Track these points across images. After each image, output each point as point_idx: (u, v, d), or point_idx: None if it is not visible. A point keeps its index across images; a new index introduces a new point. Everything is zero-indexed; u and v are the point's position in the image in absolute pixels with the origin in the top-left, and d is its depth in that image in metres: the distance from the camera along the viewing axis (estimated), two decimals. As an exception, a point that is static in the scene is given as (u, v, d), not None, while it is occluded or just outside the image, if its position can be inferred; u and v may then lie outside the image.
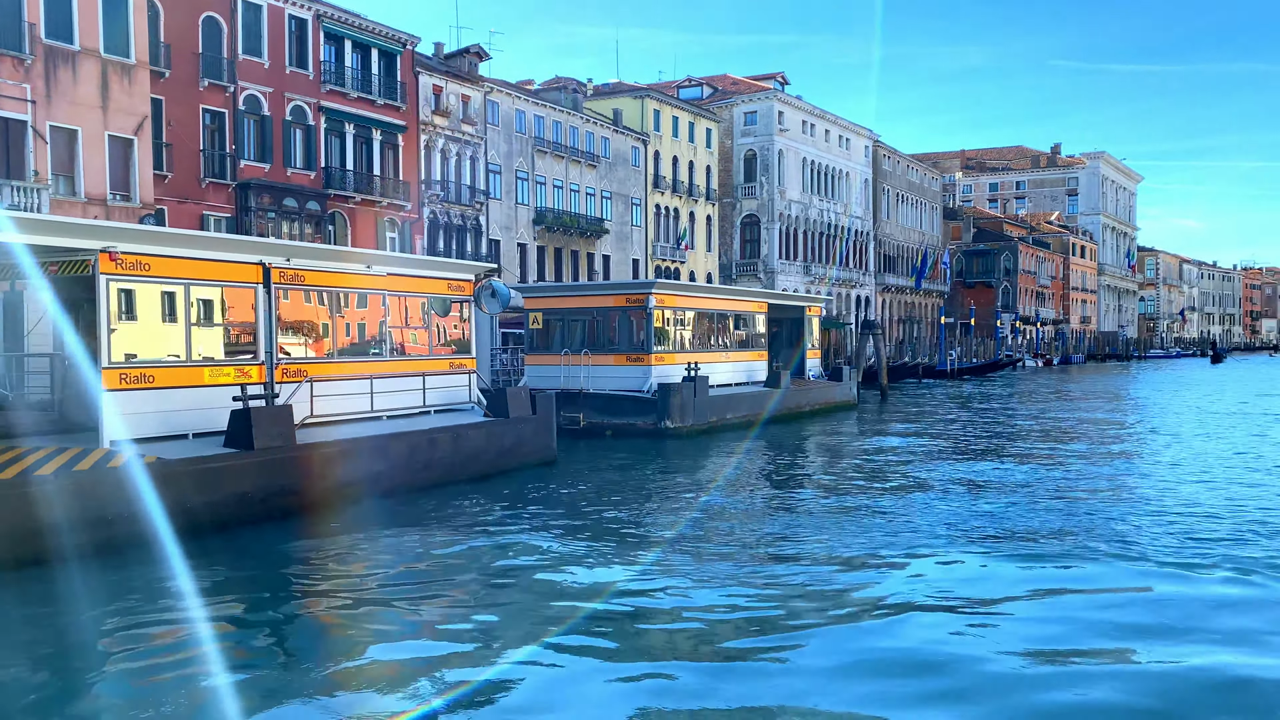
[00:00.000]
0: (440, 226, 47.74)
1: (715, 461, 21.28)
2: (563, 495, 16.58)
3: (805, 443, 24.87)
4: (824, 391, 32.50)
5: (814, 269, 74.00)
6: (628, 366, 25.20)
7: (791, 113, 72.34)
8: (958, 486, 17.41)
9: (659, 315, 25.38)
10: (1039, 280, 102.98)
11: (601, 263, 58.43)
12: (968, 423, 30.12)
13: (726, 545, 12.85)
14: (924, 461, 20.89)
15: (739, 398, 27.10)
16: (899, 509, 15.26)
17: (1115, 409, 35.74)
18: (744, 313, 29.75)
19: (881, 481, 18.21)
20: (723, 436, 25.03)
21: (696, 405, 24.95)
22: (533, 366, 26.15)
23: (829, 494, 16.97)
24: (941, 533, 13.48)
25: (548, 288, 26.76)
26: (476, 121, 49.72)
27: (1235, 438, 25.70)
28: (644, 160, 61.85)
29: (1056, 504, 15.67)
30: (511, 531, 13.67)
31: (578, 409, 24.82)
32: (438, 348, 18.43)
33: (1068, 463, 20.46)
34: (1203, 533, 13.37)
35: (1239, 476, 18.72)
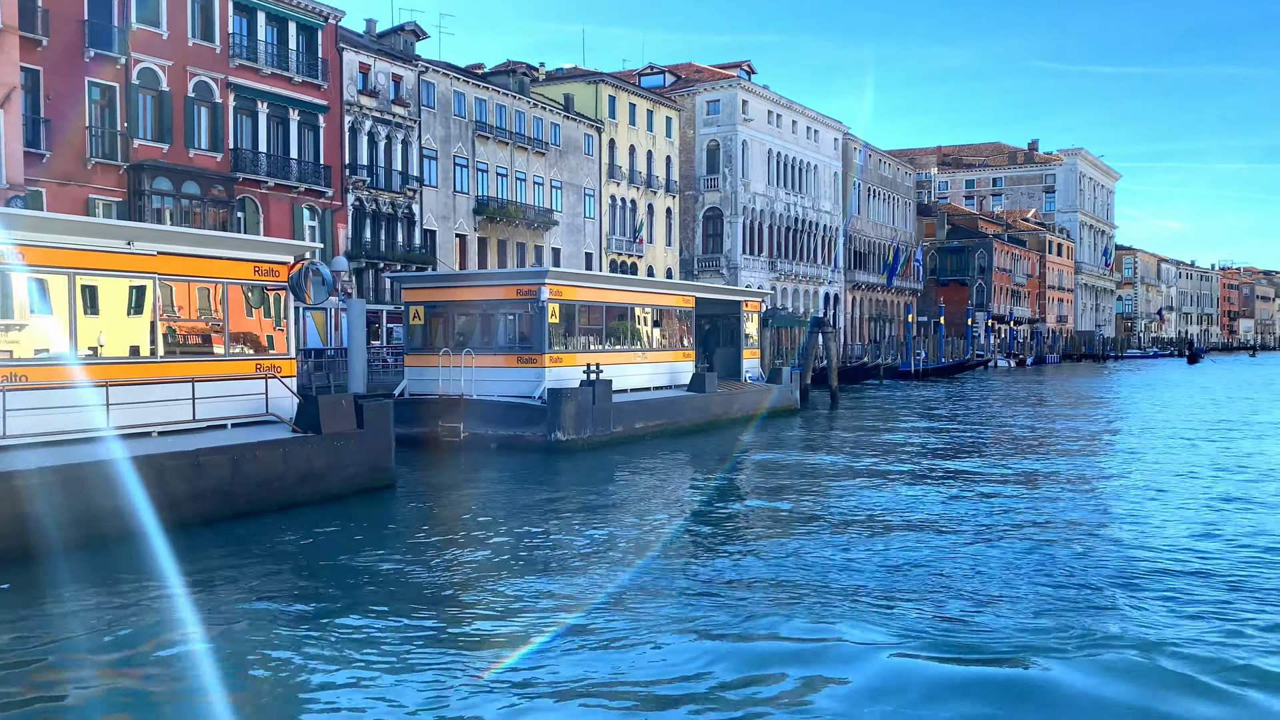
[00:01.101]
0: (367, 215, 43.93)
1: (602, 485, 17.62)
2: (361, 540, 12.79)
3: (722, 458, 21.24)
4: (760, 396, 28.87)
5: (780, 264, 70.34)
6: (518, 369, 21.48)
7: (756, 102, 68.65)
8: (879, 523, 13.78)
9: (555, 309, 21.67)
10: (1014, 278, 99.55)
11: (551, 256, 54.67)
12: (915, 432, 26.53)
13: (575, 638, 9.17)
14: (852, 486, 17.26)
15: (653, 404, 23.42)
16: (793, 558, 11.66)
17: (1080, 417, 32.17)
18: (665, 307, 26.07)
19: (785, 518, 14.55)
20: (629, 450, 21.38)
21: (596, 414, 21.26)
22: (413, 368, 22.42)
23: (718, 533, 13.37)
24: (839, 606, 9.82)
25: (429, 277, 22.98)
26: (409, 103, 45.89)
27: (1217, 472, 22.13)
28: (598, 149, 58.09)
29: (993, 554, 12.03)
30: (226, 600, 9.94)
31: (457, 418, 21.13)
32: (235, 346, 14.69)
33: (1015, 492, 16.81)
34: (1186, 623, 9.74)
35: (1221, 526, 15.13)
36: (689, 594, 10.03)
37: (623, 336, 24.25)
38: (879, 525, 13.44)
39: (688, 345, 27.12)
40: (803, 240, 74.41)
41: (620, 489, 17.13)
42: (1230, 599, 9.99)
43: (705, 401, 25.57)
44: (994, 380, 57.35)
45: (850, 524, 13.54)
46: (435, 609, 9.65)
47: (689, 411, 24.75)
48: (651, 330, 25.34)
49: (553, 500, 15.66)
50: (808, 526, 13.34)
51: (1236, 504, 15.51)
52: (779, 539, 12.80)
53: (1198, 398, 43.70)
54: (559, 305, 21.75)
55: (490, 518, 14.21)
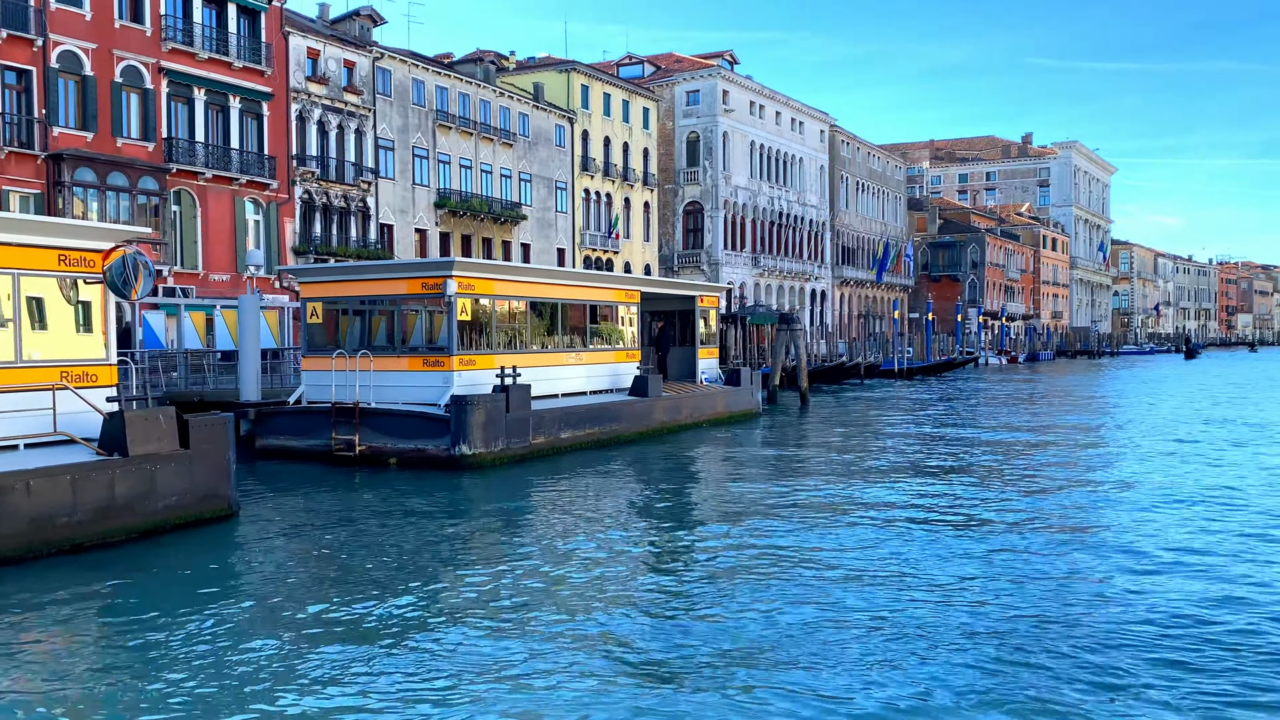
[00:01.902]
0: (317, 208, 41.27)
1: (500, 514, 14.86)
2: (140, 600, 10.06)
3: (654, 477, 18.56)
4: (715, 400, 26.16)
5: (764, 260, 67.63)
6: (423, 373, 18.81)
7: (738, 92, 65.92)
8: (832, 570, 11.12)
9: (466, 305, 18.96)
10: (1008, 274, 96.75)
11: (520, 252, 51.99)
12: (886, 440, 23.83)
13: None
14: (801, 516, 14.53)
15: (584, 412, 20.70)
16: (731, 624, 8.99)
17: (1065, 427, 29.47)
18: (605, 303, 23.34)
19: (717, 565, 11.85)
20: (551, 466, 18.70)
21: (510, 424, 18.57)
22: (310, 373, 19.74)
23: (628, 584, 10.70)
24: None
25: (327, 270, 20.17)
26: (363, 91, 43.22)
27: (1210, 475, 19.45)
28: (570, 140, 55.38)
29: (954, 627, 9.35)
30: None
31: (352, 430, 18.48)
32: (30, 351, 12.03)
33: (986, 526, 14.11)
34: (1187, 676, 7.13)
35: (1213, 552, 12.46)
36: (597, 675, 7.40)
37: (551, 335, 21.56)
38: (832, 574, 10.77)
39: (632, 345, 24.43)
40: (788, 235, 71.71)
41: (519, 519, 14.43)
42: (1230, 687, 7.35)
43: (648, 408, 22.89)
44: (983, 379, 54.57)
45: (795, 571, 10.88)
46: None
47: (629, 419, 22.07)
48: (587, 328, 22.66)
49: (429, 536, 12.98)
50: (748, 578, 10.68)
51: (1236, 547, 12.84)
52: (708, 594, 10.16)
53: (1194, 397, 40.98)
54: (471, 300, 19.07)
55: (335, 563, 11.53)
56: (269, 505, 15.06)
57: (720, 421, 26.20)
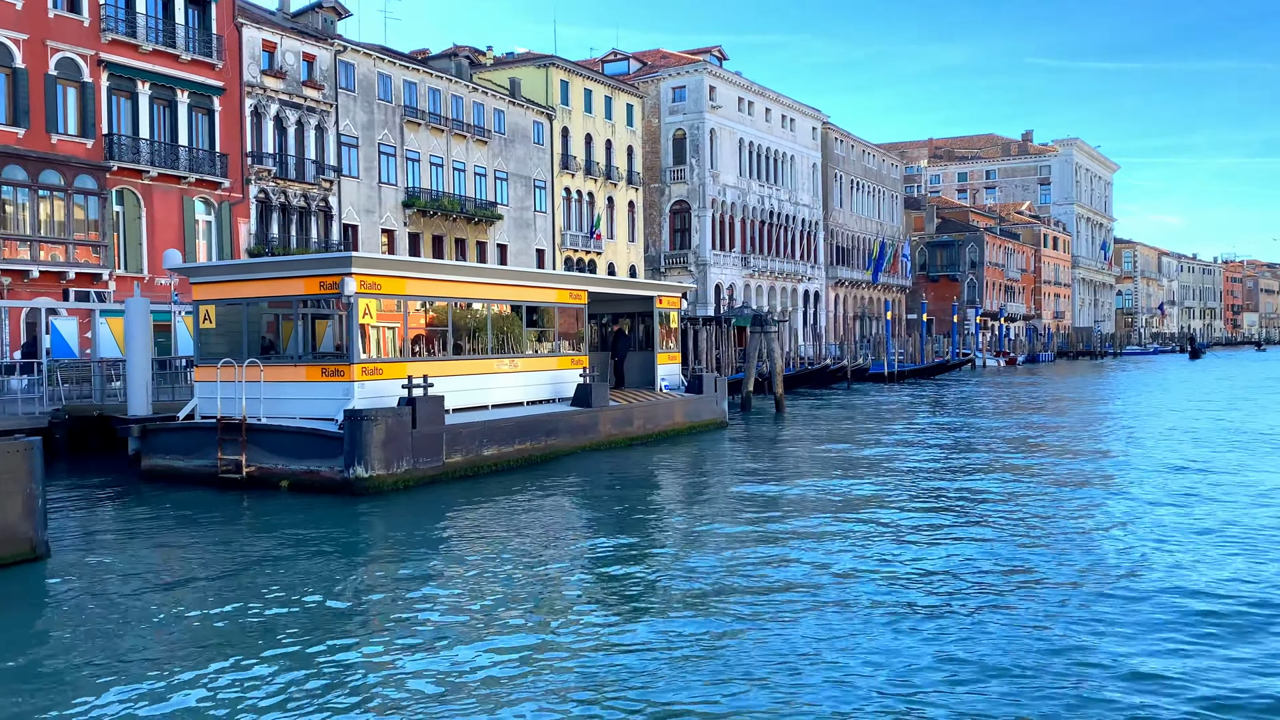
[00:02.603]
0: (274, 208, 39.08)
1: (390, 552, 12.59)
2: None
3: (592, 499, 16.22)
4: (673, 409, 23.80)
5: (754, 260, 65.28)
6: (322, 384, 16.51)
7: (726, 88, 63.61)
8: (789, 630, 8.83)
9: (369, 306, 16.64)
10: (1008, 273, 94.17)
11: (496, 253, 49.78)
12: (854, 455, 21.47)
13: None
14: (758, 555, 12.24)
15: (513, 426, 18.30)
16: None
17: (1059, 434, 27.10)
18: (545, 304, 20.97)
19: (645, 602, 9.63)
20: (468, 489, 16.36)
21: (419, 441, 16.25)
22: (204, 384, 17.47)
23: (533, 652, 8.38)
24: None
25: (222, 268, 17.77)
26: (324, 85, 41.05)
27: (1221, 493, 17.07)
28: (549, 137, 53.15)
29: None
30: None
31: (238, 450, 16.21)
32: None
33: (963, 576, 11.78)
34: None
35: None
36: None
37: (479, 340, 19.23)
38: (791, 643, 8.47)
39: (578, 350, 22.10)
40: (779, 235, 69.39)
41: (408, 555, 12.10)
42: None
43: (592, 419, 20.56)
44: (976, 382, 52.03)
45: (744, 640, 8.58)
46: None
47: (569, 432, 19.74)
48: (523, 332, 20.32)
49: (288, 579, 10.73)
50: (688, 636, 8.42)
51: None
52: (633, 660, 7.89)
53: (1198, 402, 38.55)
54: (376, 301, 16.77)
55: (145, 626, 9.25)
56: (107, 544, 12.81)
57: (679, 433, 23.86)
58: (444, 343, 18.49)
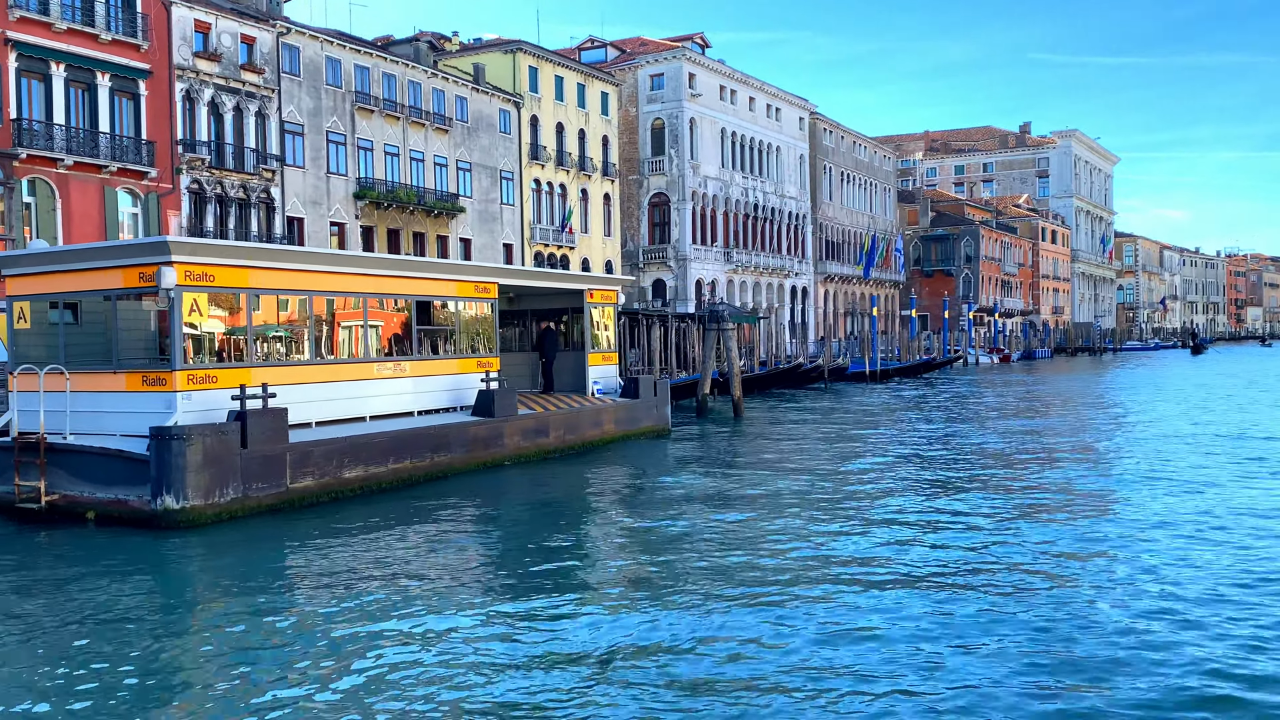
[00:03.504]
0: (209, 199, 36.27)
1: (181, 614, 9.80)
2: None
3: (477, 530, 13.36)
4: (601, 416, 20.79)
5: (737, 255, 62.31)
6: (142, 394, 13.69)
7: (707, 76, 60.64)
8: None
9: (198, 301, 13.70)
10: (1004, 268, 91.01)
11: (460, 247, 46.93)
12: (807, 468, 18.55)
13: None
14: (665, 598, 9.46)
15: (386, 441, 15.34)
16: None
17: (1040, 438, 24.17)
18: (440, 298, 17.98)
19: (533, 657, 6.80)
20: (321, 518, 13.52)
21: (252, 463, 13.39)
22: (22, 394, 14.60)
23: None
24: None
25: (28, 257, 14.79)
26: (265, 69, 38.20)
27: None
28: (516, 126, 50.26)
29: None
30: None
31: (36, 474, 13.41)
32: None
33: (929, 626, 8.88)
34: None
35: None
36: None
37: (354, 342, 16.31)
38: None
39: (487, 351, 19.19)
40: (765, 228, 66.42)
41: (205, 621, 9.31)
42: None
43: (494, 431, 17.67)
44: (964, 382, 48.98)
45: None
46: None
47: (463, 447, 16.82)
48: (414, 330, 17.38)
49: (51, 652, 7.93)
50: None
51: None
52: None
53: (1196, 402, 35.56)
54: (206, 295, 13.87)
55: None
56: None
57: (610, 444, 20.96)
58: (304, 345, 15.63)
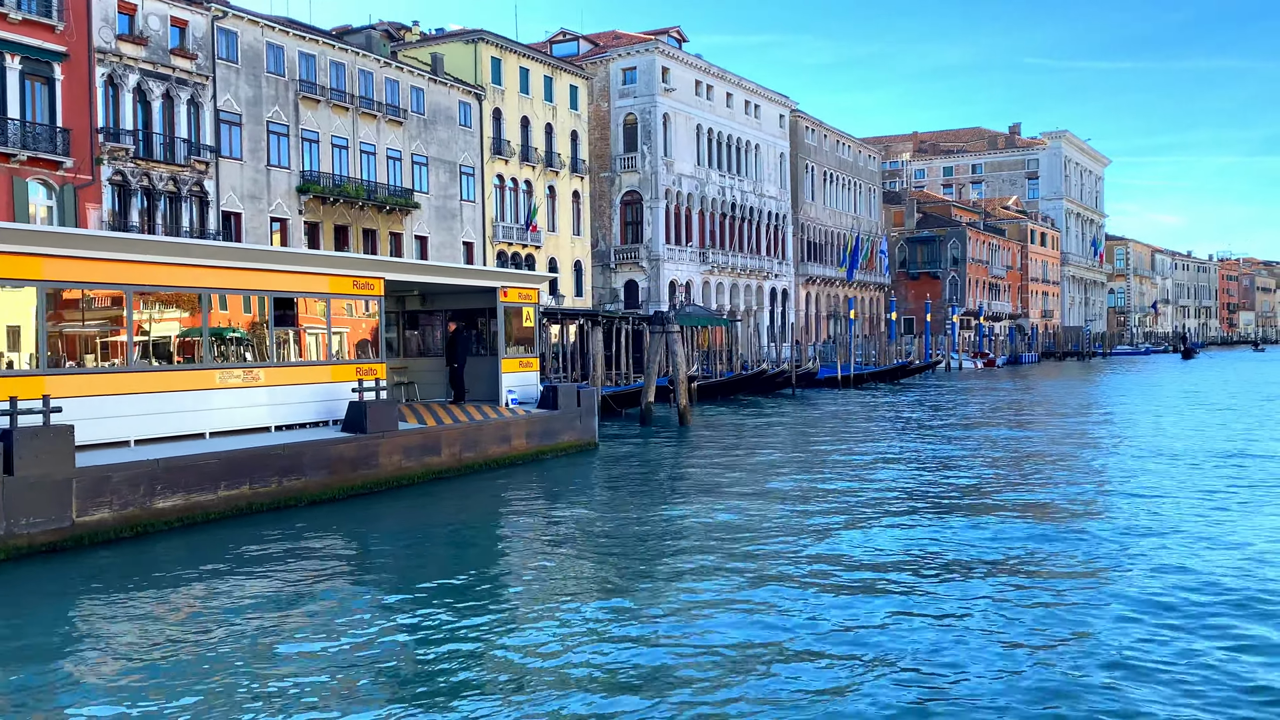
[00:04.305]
0: (134, 192, 33.72)
1: None
2: None
3: (308, 579, 10.78)
4: (509, 431, 18.19)
5: (713, 256, 59.78)
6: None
7: (681, 70, 58.13)
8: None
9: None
10: (992, 270, 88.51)
11: (415, 246, 44.40)
12: (745, 493, 16.01)
13: None
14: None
15: (216, 464, 12.69)
16: None
17: (999, 450, 21.66)
18: (306, 295, 15.41)
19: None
20: (116, 561, 10.97)
21: (19, 493, 10.68)
22: None
23: None
24: None
25: None
26: (198, 55, 35.67)
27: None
28: (478, 119, 47.74)
29: None
30: None
31: None
32: None
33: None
34: None
35: None
36: None
37: (190, 346, 13.78)
38: None
39: (372, 355, 16.66)
40: (743, 229, 63.90)
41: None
42: None
43: (367, 449, 15.13)
44: (939, 387, 46.38)
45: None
46: None
47: (323, 468, 14.25)
48: (269, 331, 14.85)
49: None
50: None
51: None
52: None
53: (1185, 411, 33.06)
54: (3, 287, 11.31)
55: None
56: None
57: (520, 461, 18.41)
58: (122, 348, 13.10)
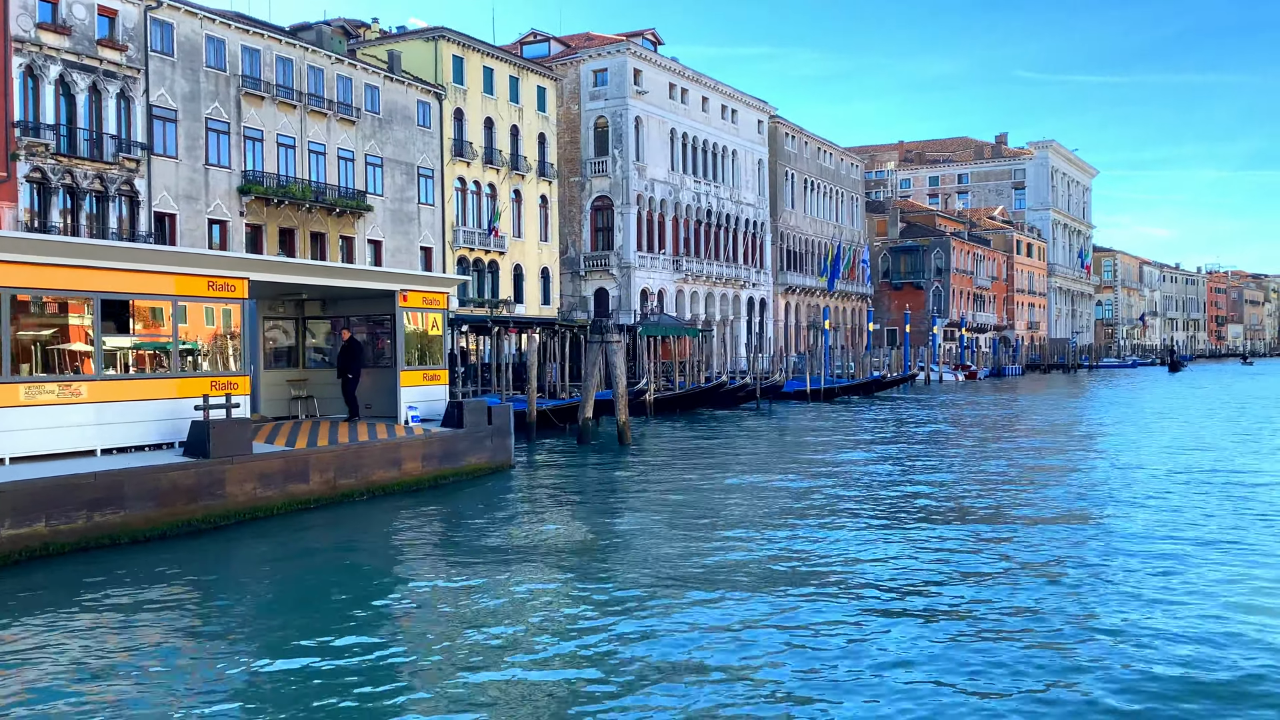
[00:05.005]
0: (56, 190, 31.50)
1: None
2: None
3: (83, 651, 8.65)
4: (401, 453, 15.93)
5: (687, 264, 57.65)
6: None
7: (655, 72, 56.09)
8: None
9: None
10: (977, 281, 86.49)
11: (367, 251, 42.20)
12: (678, 532, 13.77)
13: None
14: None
15: (12, 495, 10.57)
16: None
17: (966, 479, 19.48)
18: (141, 296, 13.11)
19: None
20: None
21: None
22: None
23: None
24: None
25: None
26: (129, 46, 33.51)
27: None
28: (438, 119, 45.61)
29: None
30: None
31: None
32: None
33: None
34: None
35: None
36: None
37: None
38: None
39: (228, 368, 14.41)
40: (719, 236, 61.79)
41: None
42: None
43: (209, 476, 12.85)
44: (916, 402, 44.15)
45: None
46: None
47: (150, 500, 11.88)
48: (96, 339, 12.63)
49: None
50: None
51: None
52: None
53: (1171, 433, 30.91)
54: None
55: None
56: None
57: (415, 487, 16.15)
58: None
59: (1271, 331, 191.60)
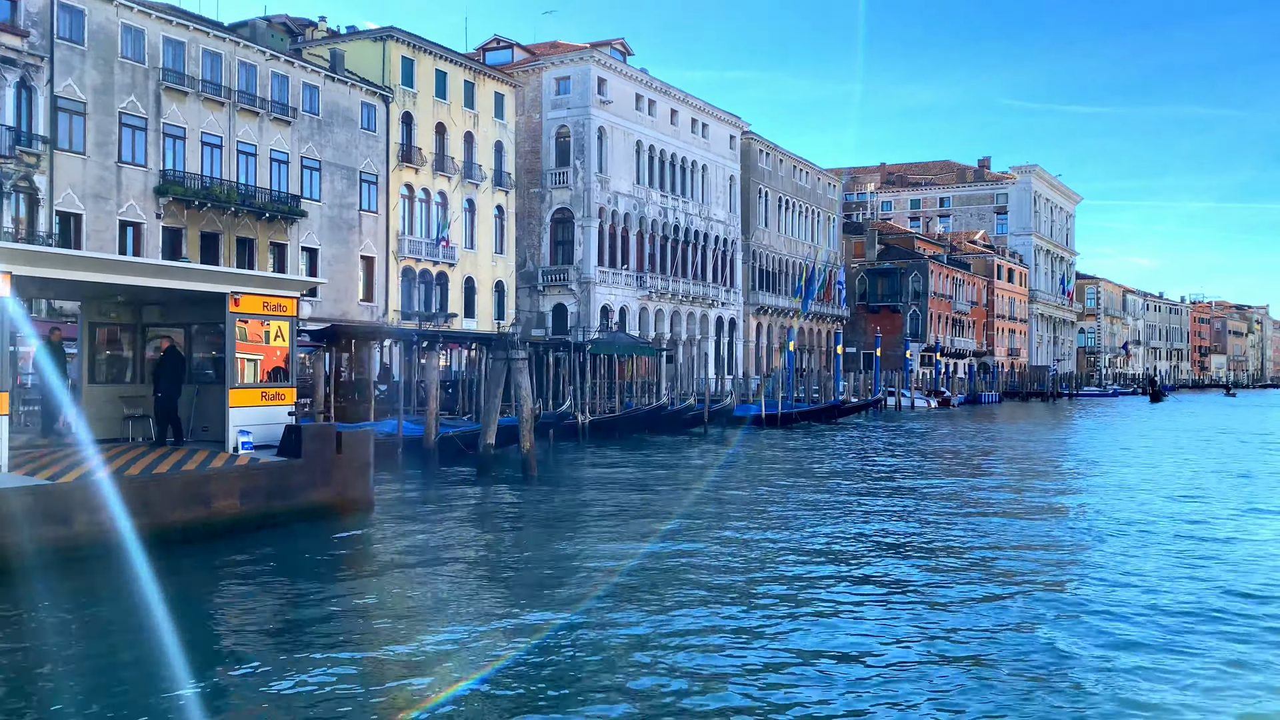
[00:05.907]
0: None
1: None
2: None
3: None
4: (207, 488, 13.11)
5: (651, 281, 54.94)
6: None
7: (621, 82, 53.56)
8: None
9: None
10: (955, 305, 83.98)
11: (301, 259, 39.39)
12: (527, 606, 10.95)
13: None
14: None
15: None
16: None
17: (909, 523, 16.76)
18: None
19: None
20: None
21: None
22: None
23: None
24: None
25: None
26: (32, 32, 30.76)
27: None
28: (384, 123, 42.93)
29: None
30: None
31: None
32: None
33: None
34: None
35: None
36: None
37: None
38: None
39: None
40: (687, 253, 59.12)
41: None
42: None
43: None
44: (879, 429, 41.36)
45: None
46: None
47: None
48: None
49: None
50: None
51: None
52: None
53: (1153, 471, 28.23)
54: None
55: None
56: None
57: (230, 529, 13.27)
58: None
59: (1254, 363, 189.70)
